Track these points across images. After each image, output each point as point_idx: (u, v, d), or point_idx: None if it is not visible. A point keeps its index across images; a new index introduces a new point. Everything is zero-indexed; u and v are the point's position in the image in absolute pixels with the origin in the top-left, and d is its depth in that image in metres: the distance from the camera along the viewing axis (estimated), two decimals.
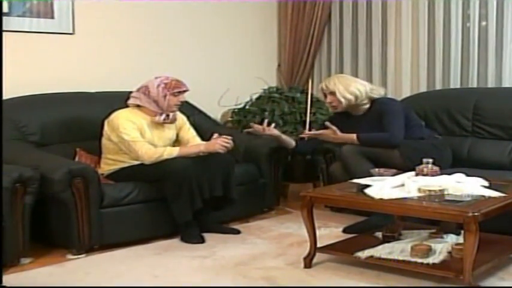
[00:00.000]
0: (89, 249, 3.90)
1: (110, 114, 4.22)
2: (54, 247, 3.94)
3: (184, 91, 4.29)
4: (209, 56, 5.75)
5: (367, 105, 4.51)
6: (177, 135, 4.45)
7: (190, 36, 5.61)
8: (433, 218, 3.35)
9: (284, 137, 4.78)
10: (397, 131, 4.34)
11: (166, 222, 4.16)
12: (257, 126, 4.72)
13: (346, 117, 4.58)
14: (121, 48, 5.14)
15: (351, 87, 4.47)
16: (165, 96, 4.19)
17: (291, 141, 4.77)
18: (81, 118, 4.52)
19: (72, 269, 3.65)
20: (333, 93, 4.50)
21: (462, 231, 3.14)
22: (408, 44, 5.51)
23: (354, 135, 4.38)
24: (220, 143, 4.16)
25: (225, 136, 4.21)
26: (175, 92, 4.22)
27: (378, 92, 4.57)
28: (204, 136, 4.52)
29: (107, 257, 3.85)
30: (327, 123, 4.54)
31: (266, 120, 4.79)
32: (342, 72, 5.89)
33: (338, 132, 4.45)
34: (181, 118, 4.46)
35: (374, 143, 4.32)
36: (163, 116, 4.24)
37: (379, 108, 4.46)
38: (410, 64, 5.53)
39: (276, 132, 4.71)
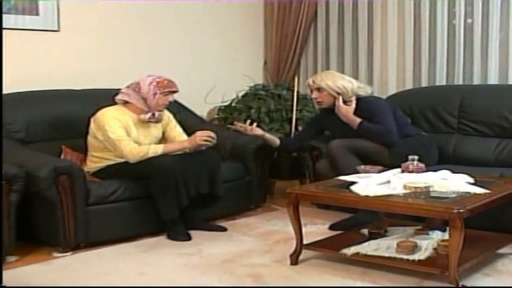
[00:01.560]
0: (75, 247, 3.89)
1: (96, 111, 4.20)
2: (40, 245, 3.93)
3: (174, 92, 4.28)
4: (196, 53, 5.74)
5: (354, 103, 4.52)
6: (164, 133, 4.45)
7: (177, 33, 5.60)
8: (419, 214, 3.36)
9: (268, 135, 4.80)
10: (392, 128, 4.36)
11: (152, 219, 4.15)
12: (241, 125, 4.75)
13: (332, 115, 4.57)
14: (107, 45, 5.12)
15: (337, 83, 4.49)
16: (154, 94, 4.19)
17: (275, 140, 4.81)
18: (67, 116, 4.50)
19: (58, 267, 3.63)
20: (319, 89, 4.52)
21: (448, 228, 3.15)
22: (394, 41, 5.52)
23: (358, 120, 4.39)
24: (200, 136, 4.16)
25: (206, 131, 4.21)
26: (166, 92, 4.22)
27: (365, 90, 4.59)
28: (190, 134, 4.46)
29: (93, 255, 3.84)
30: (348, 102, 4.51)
31: (249, 121, 4.82)
32: (328, 69, 5.89)
33: (351, 110, 4.46)
34: (167, 116, 4.45)
35: (372, 134, 4.33)
36: (149, 114, 4.23)
37: (367, 107, 4.47)
38: (396, 61, 5.53)
39: (259, 131, 4.74)
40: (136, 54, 5.28)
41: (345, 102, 4.51)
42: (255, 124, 4.77)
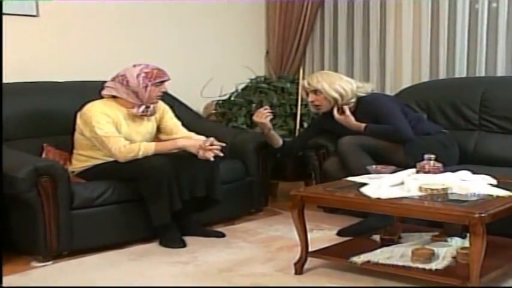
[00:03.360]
0: (57, 256, 3.88)
1: (82, 106, 4.19)
2: (17, 254, 3.89)
3: (166, 80, 4.27)
4: (191, 42, 5.74)
5: (354, 105, 4.54)
6: (158, 127, 4.45)
7: (170, 20, 5.59)
8: (436, 219, 3.34)
9: (274, 132, 4.79)
10: (403, 125, 4.36)
11: (143, 225, 4.15)
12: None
13: (331, 118, 4.59)
14: (93, 32, 5.10)
15: (335, 85, 4.50)
16: (146, 87, 4.18)
17: (279, 140, 4.81)
18: (49, 110, 4.49)
19: (37, 278, 3.61)
20: (315, 92, 4.53)
21: (468, 234, 3.14)
22: (409, 27, 5.51)
23: (362, 125, 4.41)
24: (210, 146, 4.11)
25: (216, 143, 4.15)
26: (157, 82, 4.21)
27: (365, 89, 4.60)
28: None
29: (77, 264, 3.82)
30: (345, 107, 4.51)
31: (267, 107, 4.78)
32: (336, 59, 5.93)
33: (351, 118, 4.46)
34: (162, 107, 4.44)
35: (382, 136, 4.35)
36: (143, 108, 4.22)
37: (370, 108, 4.48)
38: (411, 50, 5.53)
39: (268, 123, 4.71)
40: (126, 42, 5.27)
41: (345, 105, 4.51)
42: (270, 116, 4.70)
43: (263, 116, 4.66)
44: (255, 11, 6.22)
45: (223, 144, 4.18)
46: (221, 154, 4.14)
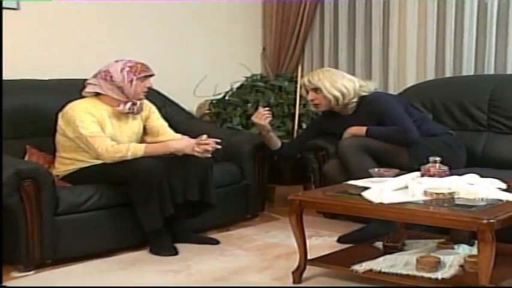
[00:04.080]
0: (40, 265, 3.86)
1: (64, 106, 4.18)
2: None
3: (151, 75, 4.27)
4: (182, 39, 5.74)
5: (355, 104, 4.54)
6: (144, 128, 4.44)
7: (160, 15, 5.58)
8: (442, 225, 3.31)
9: (272, 134, 4.80)
10: (408, 125, 4.36)
11: (132, 231, 4.16)
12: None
13: (332, 118, 4.61)
14: (78, 28, 5.09)
15: (337, 83, 4.50)
16: (131, 81, 4.18)
17: (277, 142, 4.82)
18: (31, 110, 4.48)
19: None
20: (316, 90, 4.52)
21: (476, 242, 3.12)
22: (414, 22, 5.50)
23: (364, 129, 4.40)
24: (203, 145, 4.12)
25: (212, 140, 4.16)
26: (142, 77, 4.21)
27: (368, 88, 4.59)
28: (177, 132, 4.51)
29: (61, 274, 3.81)
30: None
31: (265, 109, 4.76)
32: (336, 56, 5.93)
33: (350, 129, 4.46)
34: (148, 107, 4.45)
35: (386, 138, 4.34)
36: (129, 104, 4.22)
37: (372, 108, 4.48)
38: (416, 47, 5.52)
39: (267, 125, 4.72)
40: (112, 38, 5.27)
41: (346, 105, 4.51)
42: (269, 118, 4.71)
43: (262, 117, 4.67)
44: (251, 5, 6.23)
45: (218, 140, 4.19)
46: (219, 147, 4.17)
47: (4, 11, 4.58)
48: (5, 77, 4.42)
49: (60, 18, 4.97)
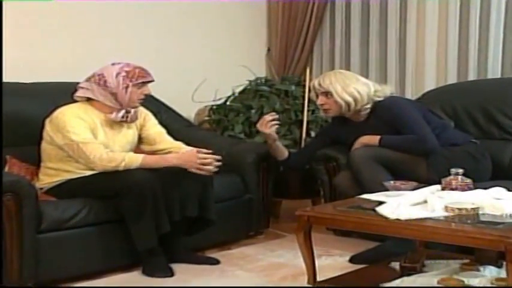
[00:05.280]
0: None
1: (52, 112, 4.18)
2: None
3: (149, 81, 4.27)
4: (179, 38, 5.78)
5: (368, 110, 4.54)
6: (140, 136, 4.45)
7: (155, 14, 5.61)
8: (465, 244, 3.28)
9: (278, 143, 4.81)
10: (426, 133, 4.34)
11: (124, 250, 4.15)
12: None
13: (343, 125, 4.62)
14: (66, 26, 5.10)
15: (350, 88, 4.49)
16: (126, 87, 4.18)
17: (284, 152, 4.83)
18: (13, 117, 4.43)
19: None
20: (326, 94, 4.52)
21: (504, 263, 3.11)
22: (434, 21, 5.51)
23: (377, 139, 4.38)
24: (200, 159, 4.12)
25: (209, 154, 4.16)
26: (139, 83, 4.20)
27: (383, 92, 4.59)
28: (175, 140, 4.50)
29: None
30: None
31: (273, 114, 4.76)
32: (348, 58, 5.94)
33: (362, 139, 4.46)
34: (143, 114, 4.46)
35: (401, 148, 4.33)
36: (122, 112, 4.22)
37: (385, 114, 4.47)
38: (436, 46, 5.54)
39: (273, 134, 4.72)
40: (103, 37, 5.29)
41: (358, 111, 4.50)
42: (276, 127, 4.71)
43: (268, 124, 4.67)
44: (255, 3, 6.26)
45: (218, 157, 4.20)
46: (219, 164, 4.19)
47: None
48: None
49: (46, 14, 4.97)
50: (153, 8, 5.57)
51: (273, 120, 4.68)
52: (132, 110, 4.25)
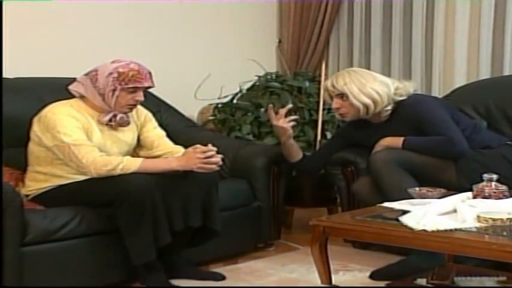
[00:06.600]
0: None
1: (40, 110, 4.17)
2: None
3: (147, 87, 4.25)
4: (181, 31, 5.80)
5: (390, 110, 4.53)
6: (139, 138, 4.45)
7: (158, 3, 5.60)
8: (501, 259, 3.25)
9: (293, 142, 4.80)
10: (455, 135, 4.32)
11: (119, 264, 4.14)
12: (272, 113, 4.75)
13: (362, 126, 4.60)
14: (59, 17, 5.13)
15: (367, 88, 4.46)
16: (113, 90, 4.15)
17: (299, 152, 4.83)
18: None
19: None
20: (341, 96, 4.50)
21: None
22: (466, 10, 5.51)
23: (400, 141, 4.36)
24: (199, 158, 4.08)
25: (210, 150, 4.13)
26: (129, 88, 4.16)
27: (406, 90, 4.57)
28: (175, 142, 4.50)
29: None
30: None
31: (289, 106, 4.81)
32: (369, 50, 5.95)
33: (384, 141, 4.46)
34: (144, 114, 4.47)
35: (427, 151, 4.31)
36: (109, 116, 4.21)
37: (409, 114, 4.46)
38: (467, 38, 5.55)
39: (290, 129, 4.73)
40: (98, 29, 5.31)
41: (378, 113, 4.49)
42: (291, 120, 4.73)
43: (278, 117, 4.69)
44: None
45: (221, 156, 4.19)
46: (221, 162, 4.18)
47: None
48: None
49: (36, 4, 4.97)
50: (161, 5, 5.62)
51: (287, 114, 4.70)
52: (119, 116, 4.22)
